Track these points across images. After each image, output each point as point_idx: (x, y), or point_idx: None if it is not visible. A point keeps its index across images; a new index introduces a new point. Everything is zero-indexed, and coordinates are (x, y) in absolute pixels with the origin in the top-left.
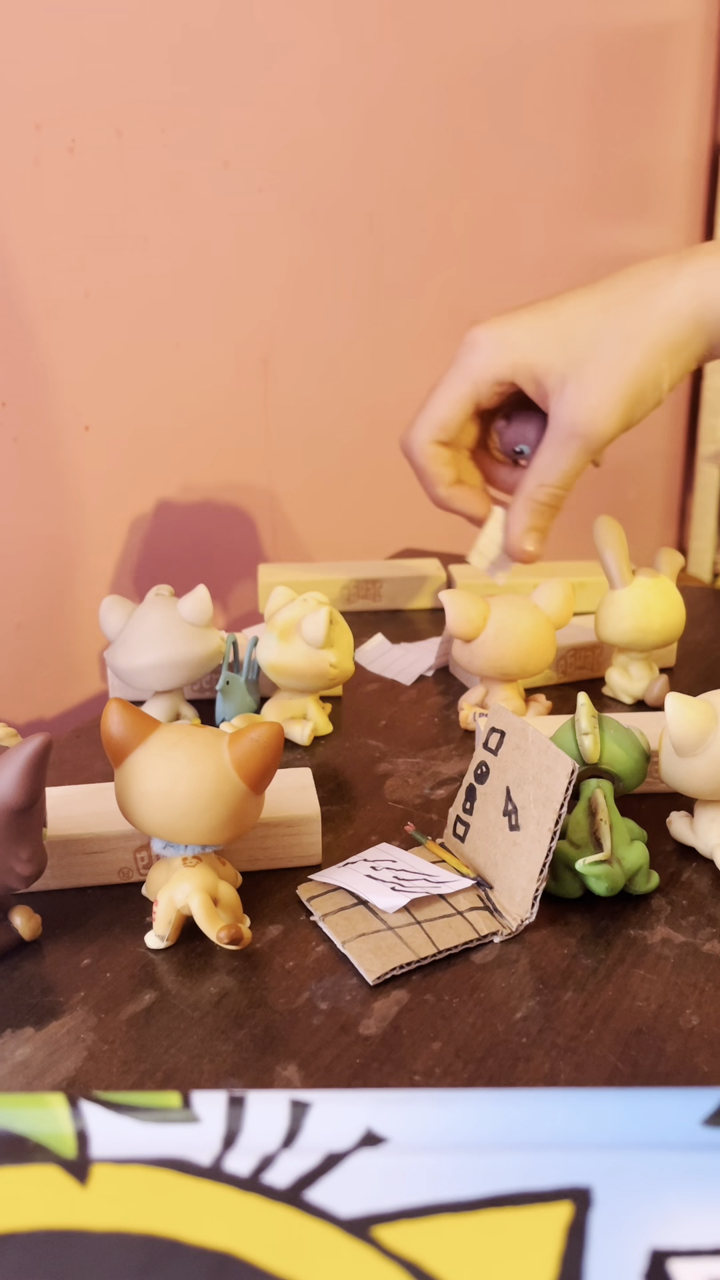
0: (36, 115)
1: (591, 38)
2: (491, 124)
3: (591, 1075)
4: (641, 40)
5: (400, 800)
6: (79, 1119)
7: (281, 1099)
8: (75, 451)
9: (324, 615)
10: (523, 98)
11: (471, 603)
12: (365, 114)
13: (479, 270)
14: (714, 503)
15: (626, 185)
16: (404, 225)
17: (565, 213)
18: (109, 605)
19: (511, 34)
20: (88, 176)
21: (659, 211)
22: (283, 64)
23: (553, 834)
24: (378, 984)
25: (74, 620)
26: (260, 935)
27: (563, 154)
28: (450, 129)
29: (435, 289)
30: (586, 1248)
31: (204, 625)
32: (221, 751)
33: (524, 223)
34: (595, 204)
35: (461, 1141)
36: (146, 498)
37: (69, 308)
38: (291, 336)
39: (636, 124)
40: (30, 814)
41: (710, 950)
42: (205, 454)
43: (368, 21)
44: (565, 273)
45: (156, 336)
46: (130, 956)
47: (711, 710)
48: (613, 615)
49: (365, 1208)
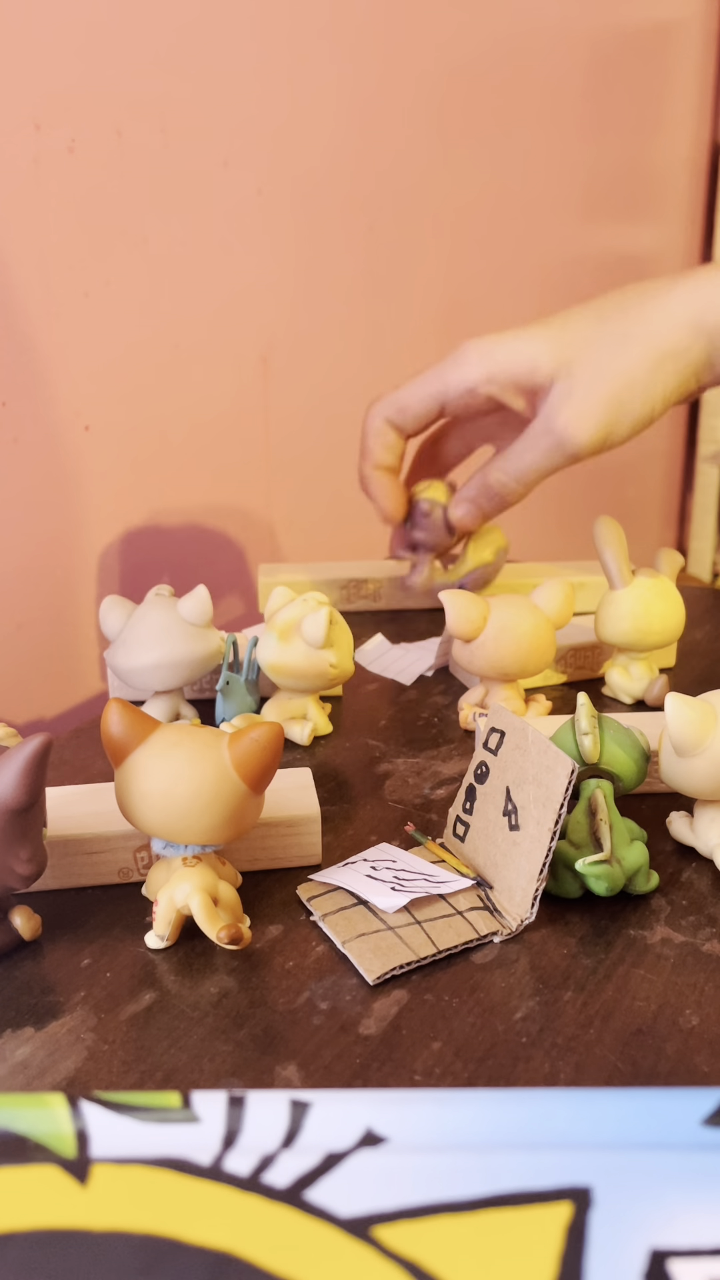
0: (36, 115)
1: (591, 38)
2: (491, 124)
3: (591, 1075)
4: (641, 40)
5: (400, 800)
6: (79, 1119)
7: (281, 1099)
8: (75, 451)
9: (324, 615)
10: (522, 97)
11: (471, 603)
12: (365, 114)
13: (479, 270)
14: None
15: (626, 185)
16: (404, 225)
17: (565, 213)
18: (109, 605)
19: (511, 34)
20: (88, 176)
21: (659, 211)
22: (282, 64)
23: (553, 834)
24: (378, 984)
25: (74, 620)
26: (260, 935)
27: (562, 154)
28: (450, 129)
29: (435, 289)
30: (586, 1248)
31: (204, 625)
32: (221, 751)
33: (524, 223)
34: (595, 204)
35: (461, 1141)
36: (146, 498)
37: (69, 308)
38: (291, 336)
39: (636, 124)
40: (30, 814)
41: (710, 950)
42: (205, 454)
43: (367, 21)
44: (565, 273)
45: (156, 336)
46: (130, 956)
47: (711, 710)
48: (612, 615)
49: (365, 1208)
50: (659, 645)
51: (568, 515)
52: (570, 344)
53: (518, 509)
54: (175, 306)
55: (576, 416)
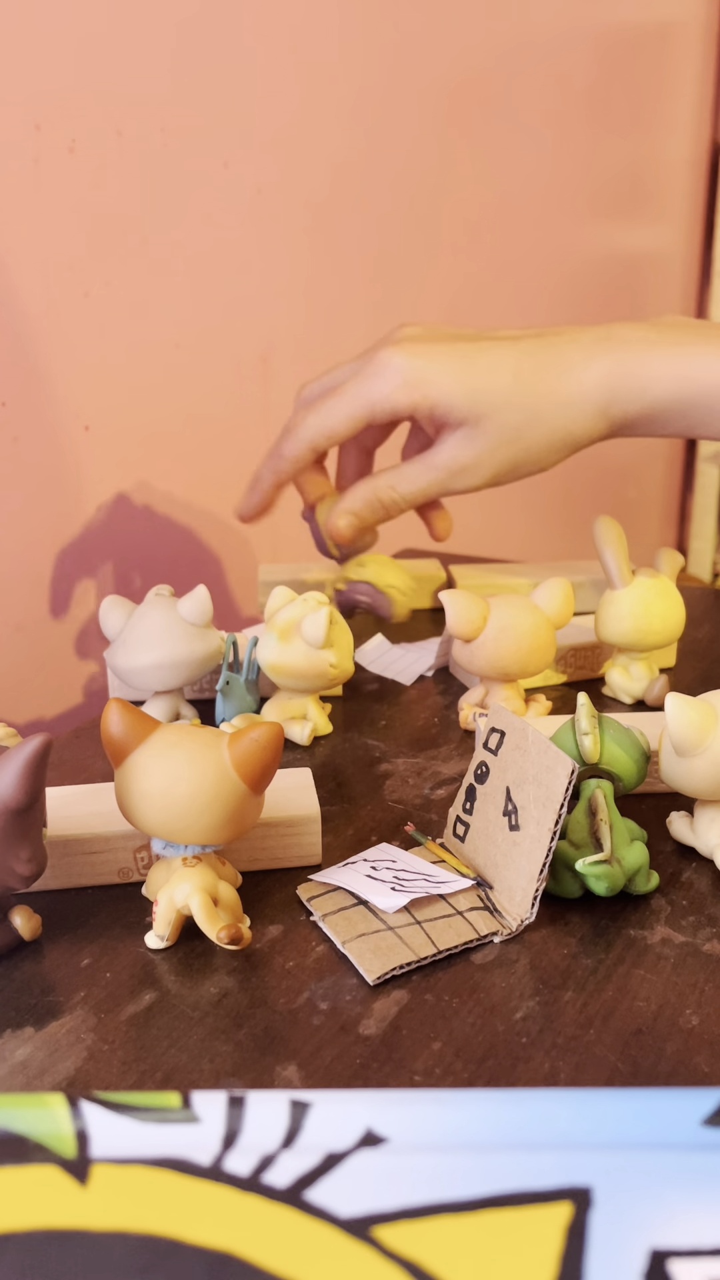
0: (36, 115)
1: (591, 38)
2: (491, 124)
3: (591, 1075)
4: (641, 40)
5: (400, 800)
6: (79, 1119)
7: (281, 1099)
8: (75, 451)
9: (324, 615)
10: (523, 97)
11: (471, 603)
12: (365, 113)
13: (479, 270)
14: (714, 503)
15: (626, 185)
16: (404, 225)
17: (565, 213)
18: (109, 605)
19: (511, 34)
20: (88, 176)
21: (659, 211)
22: (283, 64)
23: (553, 834)
24: (378, 984)
25: (74, 620)
26: (260, 935)
27: (563, 154)
28: (450, 129)
29: (435, 288)
30: (586, 1248)
31: (204, 625)
32: (221, 751)
33: (524, 222)
34: (595, 204)
35: (461, 1141)
36: (146, 498)
37: (69, 308)
38: (291, 336)
39: (636, 124)
40: (30, 814)
41: (710, 950)
42: (205, 454)
43: (368, 21)
44: (565, 272)
45: (156, 336)
46: (130, 956)
47: (711, 710)
48: (613, 615)
49: (365, 1208)
50: (659, 645)
51: (568, 515)
52: (485, 400)
53: (518, 509)
54: (175, 306)
55: (474, 466)
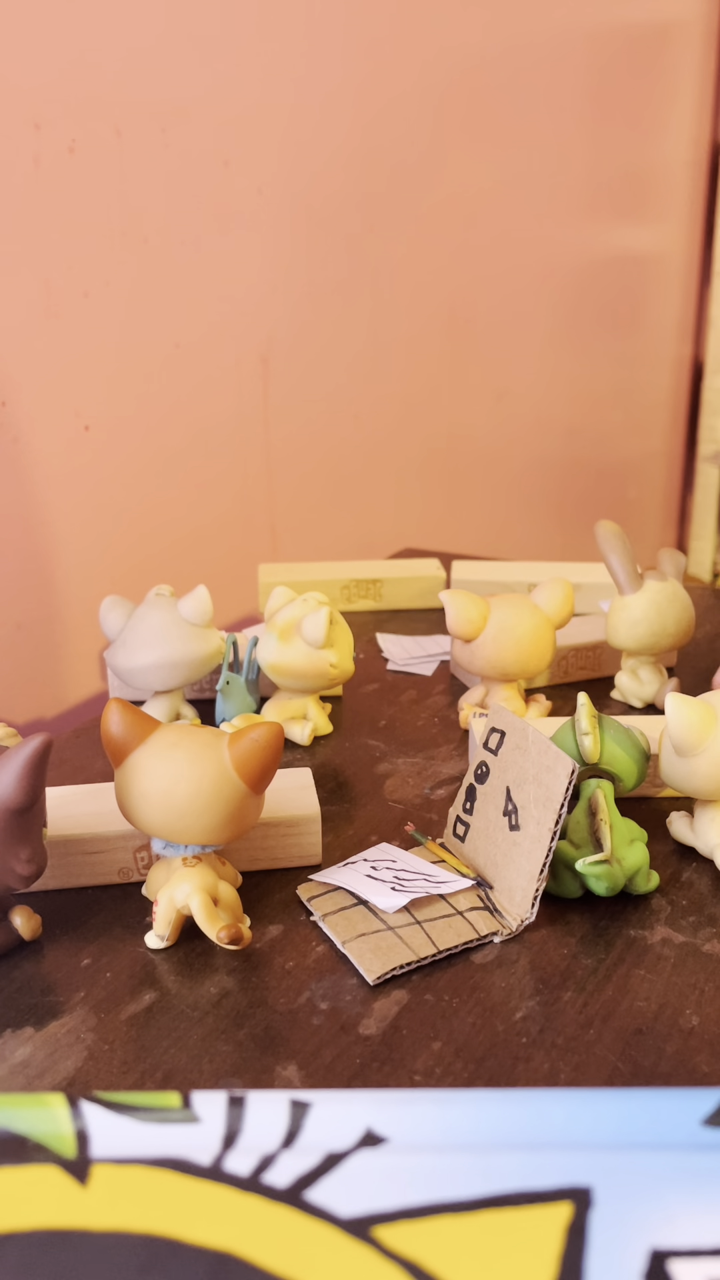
0: (36, 115)
1: (591, 38)
2: (491, 124)
3: (591, 1075)
4: (641, 40)
5: (400, 800)
6: (79, 1119)
7: (281, 1099)
8: (75, 451)
9: (324, 615)
10: (523, 98)
11: (471, 603)
12: (365, 113)
13: (478, 270)
14: (714, 503)
15: (626, 185)
16: (403, 225)
17: (565, 213)
18: (109, 605)
19: (512, 34)
20: (88, 176)
21: (659, 211)
22: (282, 64)
23: (553, 834)
24: (378, 984)
25: (74, 620)
26: (260, 935)
27: (563, 154)
28: (450, 129)
29: (435, 289)
30: (586, 1248)
31: (204, 625)
32: (221, 751)
33: (524, 223)
34: (595, 204)
35: (461, 1141)
36: (147, 498)
37: (69, 308)
38: (291, 336)
39: (636, 124)
40: (30, 814)
41: (710, 950)
42: (205, 454)
43: (367, 21)
44: (565, 272)
45: (156, 336)
46: (130, 956)
47: (711, 710)
48: (625, 621)
49: (365, 1208)
50: (673, 648)
51: (568, 515)
52: None
53: (519, 509)
54: (175, 306)
55: None
